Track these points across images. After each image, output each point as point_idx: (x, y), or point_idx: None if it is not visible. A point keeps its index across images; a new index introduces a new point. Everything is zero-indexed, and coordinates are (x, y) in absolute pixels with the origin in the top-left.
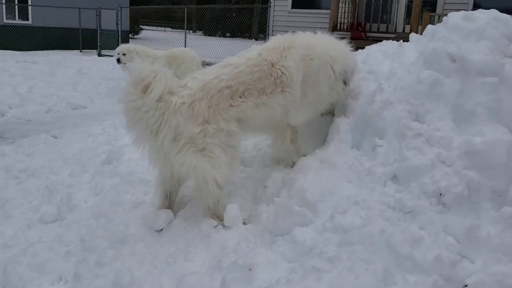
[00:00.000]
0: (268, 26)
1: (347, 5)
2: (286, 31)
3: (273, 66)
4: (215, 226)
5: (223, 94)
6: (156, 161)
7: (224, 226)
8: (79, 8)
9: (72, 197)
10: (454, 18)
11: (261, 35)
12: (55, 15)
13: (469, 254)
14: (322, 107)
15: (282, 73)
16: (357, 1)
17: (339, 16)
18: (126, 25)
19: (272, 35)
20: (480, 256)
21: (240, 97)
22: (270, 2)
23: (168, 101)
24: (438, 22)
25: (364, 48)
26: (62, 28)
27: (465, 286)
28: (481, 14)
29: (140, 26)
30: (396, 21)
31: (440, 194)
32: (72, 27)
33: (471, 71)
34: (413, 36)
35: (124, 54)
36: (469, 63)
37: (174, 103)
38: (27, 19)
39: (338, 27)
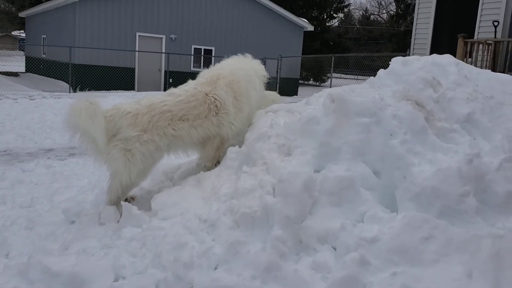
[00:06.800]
0: None
1: (487, 53)
2: None
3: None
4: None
5: (164, 116)
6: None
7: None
8: None
9: None
10: (394, 63)
11: None
12: None
13: (230, 265)
14: None
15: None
16: (499, 51)
17: (471, 63)
18: (294, 73)
19: None
20: (237, 268)
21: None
22: (409, 51)
23: (120, 109)
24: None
25: None
26: None
27: (192, 286)
28: (422, 59)
29: (327, 74)
30: None
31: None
32: None
33: (350, 112)
34: None
35: None
36: (349, 104)
37: (122, 111)
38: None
39: None
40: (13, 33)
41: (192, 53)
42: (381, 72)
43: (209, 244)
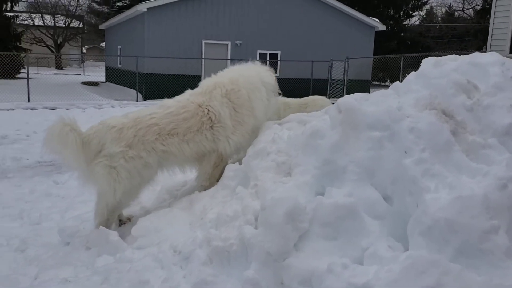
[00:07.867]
0: None
1: None
2: None
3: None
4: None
5: (151, 130)
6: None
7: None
8: (312, 61)
9: None
10: (425, 64)
11: None
12: (293, 68)
13: None
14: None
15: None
16: None
17: None
18: (365, 75)
19: None
20: None
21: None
22: (486, 48)
23: (105, 124)
24: None
25: None
26: (297, 79)
27: None
28: (455, 60)
29: (405, 75)
30: None
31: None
32: (305, 78)
33: (359, 124)
34: None
35: None
36: (358, 115)
37: (107, 125)
38: (275, 72)
39: None
40: (101, 44)
41: (258, 58)
42: (411, 75)
43: (175, 283)
